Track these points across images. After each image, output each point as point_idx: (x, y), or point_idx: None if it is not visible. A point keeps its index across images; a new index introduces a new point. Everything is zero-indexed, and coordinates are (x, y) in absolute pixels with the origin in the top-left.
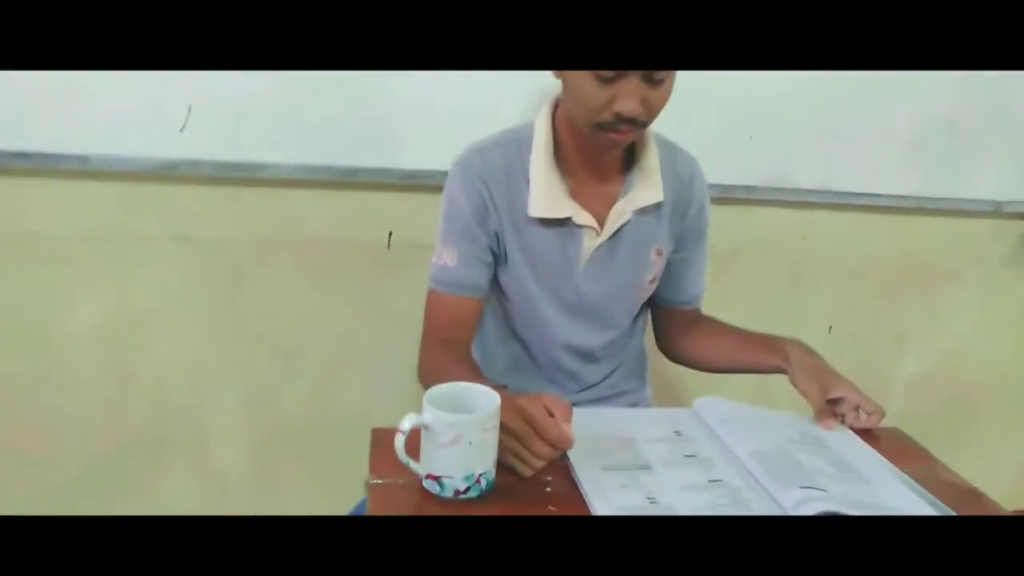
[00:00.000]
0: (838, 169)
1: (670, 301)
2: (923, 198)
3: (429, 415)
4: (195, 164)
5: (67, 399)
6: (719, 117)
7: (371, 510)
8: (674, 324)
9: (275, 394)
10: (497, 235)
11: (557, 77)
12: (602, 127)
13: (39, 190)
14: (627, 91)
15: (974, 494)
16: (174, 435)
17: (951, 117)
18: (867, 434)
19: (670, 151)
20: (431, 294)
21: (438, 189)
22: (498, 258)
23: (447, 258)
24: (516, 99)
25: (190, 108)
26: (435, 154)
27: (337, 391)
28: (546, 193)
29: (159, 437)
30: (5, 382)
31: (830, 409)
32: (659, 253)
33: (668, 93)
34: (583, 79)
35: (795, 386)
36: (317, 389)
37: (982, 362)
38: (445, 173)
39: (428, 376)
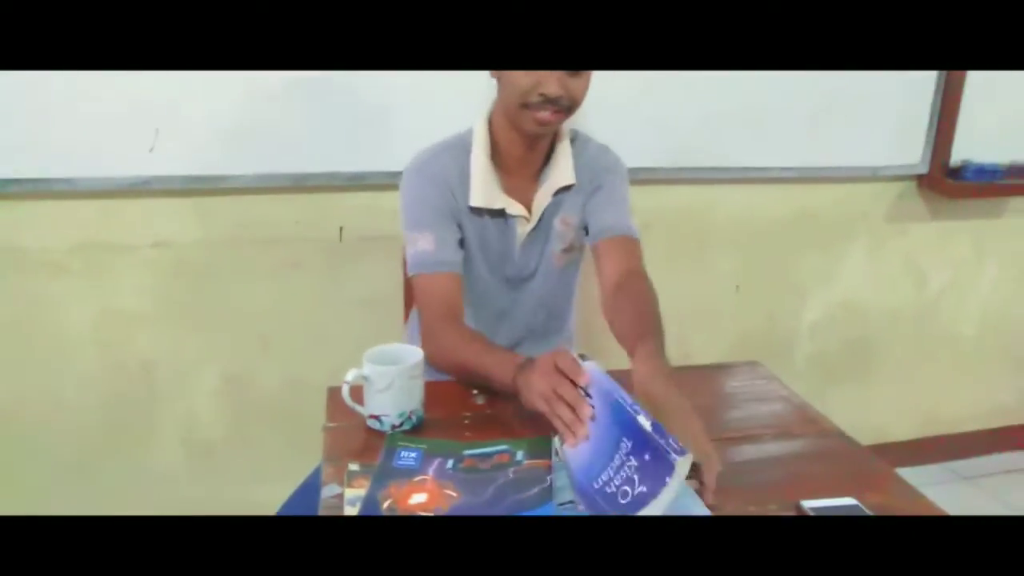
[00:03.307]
0: (733, 147)
1: (595, 235)
2: (810, 168)
3: (367, 368)
4: (165, 179)
5: (67, 389)
6: (618, 107)
7: (326, 448)
8: (605, 271)
9: (250, 374)
10: (458, 223)
11: (492, 74)
12: (528, 107)
13: (32, 210)
14: (550, 76)
15: (815, 421)
16: (164, 415)
17: (831, 97)
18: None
19: (582, 143)
20: (418, 280)
21: (382, 187)
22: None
23: (424, 244)
24: (451, 108)
25: (157, 131)
26: (378, 157)
27: (304, 368)
28: (483, 187)
29: (151, 418)
30: (11, 377)
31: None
32: (565, 223)
33: (587, 83)
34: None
35: None
36: (286, 367)
37: (874, 306)
38: (387, 173)
39: (446, 352)
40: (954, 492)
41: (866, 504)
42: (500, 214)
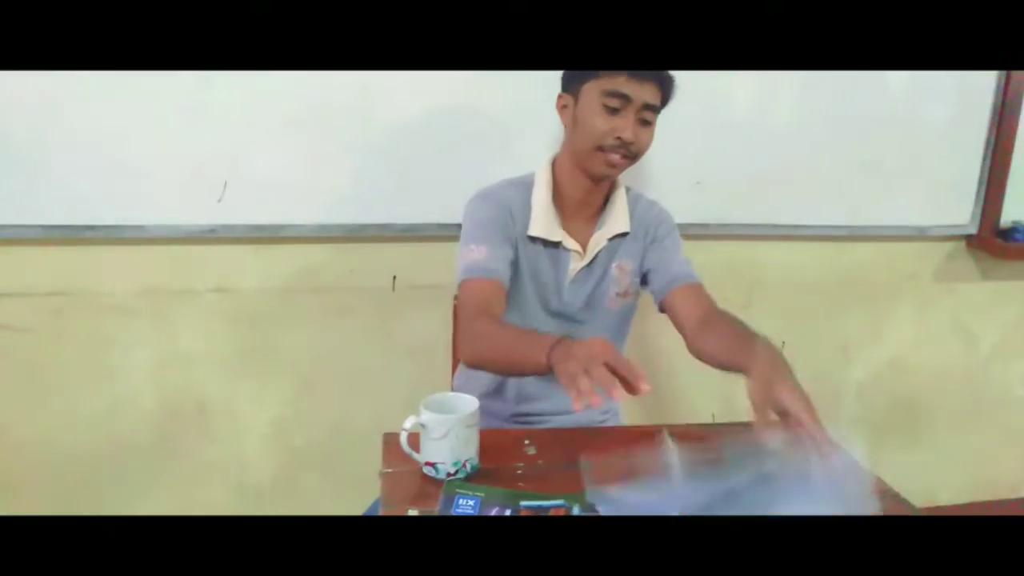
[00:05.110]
0: (779, 204)
1: (664, 287)
2: (856, 226)
3: (425, 416)
4: (230, 228)
5: (124, 428)
6: (665, 163)
7: (384, 492)
8: (682, 316)
9: (301, 418)
10: (513, 246)
11: (565, 121)
12: (602, 149)
13: (105, 255)
14: (626, 122)
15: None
16: (217, 456)
17: (878, 155)
18: None
19: (634, 198)
20: (464, 285)
21: (434, 238)
22: (512, 265)
23: (476, 254)
24: (504, 159)
25: (225, 183)
26: (428, 209)
27: (353, 414)
28: (544, 219)
29: (205, 458)
30: (77, 413)
31: (766, 419)
32: (621, 269)
33: (651, 136)
34: (595, 113)
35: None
36: (336, 412)
37: (922, 367)
38: (439, 224)
39: (476, 341)
40: None
41: None
42: (555, 246)
